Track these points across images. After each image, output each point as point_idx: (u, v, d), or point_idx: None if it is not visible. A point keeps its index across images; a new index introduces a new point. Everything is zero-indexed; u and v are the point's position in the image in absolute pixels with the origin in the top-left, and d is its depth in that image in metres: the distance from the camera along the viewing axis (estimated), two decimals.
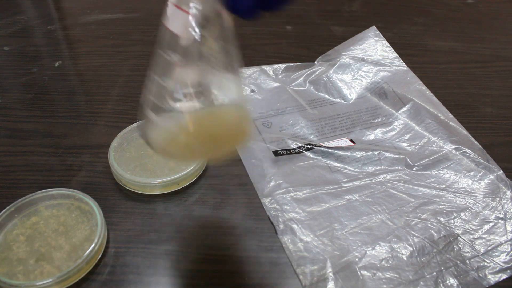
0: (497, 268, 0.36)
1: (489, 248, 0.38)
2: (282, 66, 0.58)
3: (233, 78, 0.28)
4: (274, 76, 0.56)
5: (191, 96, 0.26)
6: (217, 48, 0.26)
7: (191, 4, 0.25)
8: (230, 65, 0.27)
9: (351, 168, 0.44)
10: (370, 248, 0.37)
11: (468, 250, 0.37)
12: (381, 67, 0.57)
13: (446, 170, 0.44)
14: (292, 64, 0.58)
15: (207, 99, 0.27)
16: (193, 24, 0.25)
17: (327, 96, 0.55)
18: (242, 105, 0.30)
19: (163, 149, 0.29)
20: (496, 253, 0.37)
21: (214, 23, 0.26)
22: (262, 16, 0.26)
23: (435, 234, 0.38)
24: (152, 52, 0.27)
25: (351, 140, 0.48)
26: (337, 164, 0.45)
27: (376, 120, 0.51)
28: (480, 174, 0.44)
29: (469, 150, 0.46)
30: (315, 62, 0.59)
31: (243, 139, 0.31)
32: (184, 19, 0.25)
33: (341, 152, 0.45)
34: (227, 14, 0.26)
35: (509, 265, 0.36)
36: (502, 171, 0.44)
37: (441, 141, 0.47)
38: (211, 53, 0.26)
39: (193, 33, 0.25)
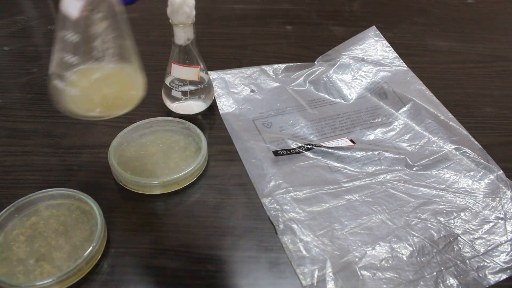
0: (497, 268, 0.36)
1: (489, 248, 0.38)
2: (282, 66, 0.58)
3: (124, 48, 0.33)
4: (274, 76, 0.56)
5: (84, 61, 0.32)
6: (108, 25, 0.31)
7: None
8: (120, 37, 0.32)
9: (351, 168, 0.44)
10: (370, 248, 0.37)
11: (468, 250, 0.37)
12: (381, 67, 0.57)
13: (446, 170, 0.44)
14: (292, 64, 0.58)
15: (98, 62, 0.32)
16: (83, 5, 0.30)
17: (327, 96, 0.55)
18: (132, 65, 0.34)
19: (68, 108, 0.33)
20: (496, 253, 0.37)
21: (104, 6, 0.31)
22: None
23: (435, 234, 0.38)
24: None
25: (351, 140, 0.48)
26: (337, 164, 0.45)
27: (376, 120, 0.51)
28: (480, 174, 0.44)
29: (469, 150, 0.46)
30: (315, 62, 0.59)
31: (135, 90, 0.35)
32: (75, 2, 0.30)
33: (341, 152, 0.45)
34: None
35: (509, 265, 0.36)
36: (502, 171, 0.44)
37: (441, 141, 0.47)
38: (101, 31, 0.31)
39: (83, 13, 0.30)
